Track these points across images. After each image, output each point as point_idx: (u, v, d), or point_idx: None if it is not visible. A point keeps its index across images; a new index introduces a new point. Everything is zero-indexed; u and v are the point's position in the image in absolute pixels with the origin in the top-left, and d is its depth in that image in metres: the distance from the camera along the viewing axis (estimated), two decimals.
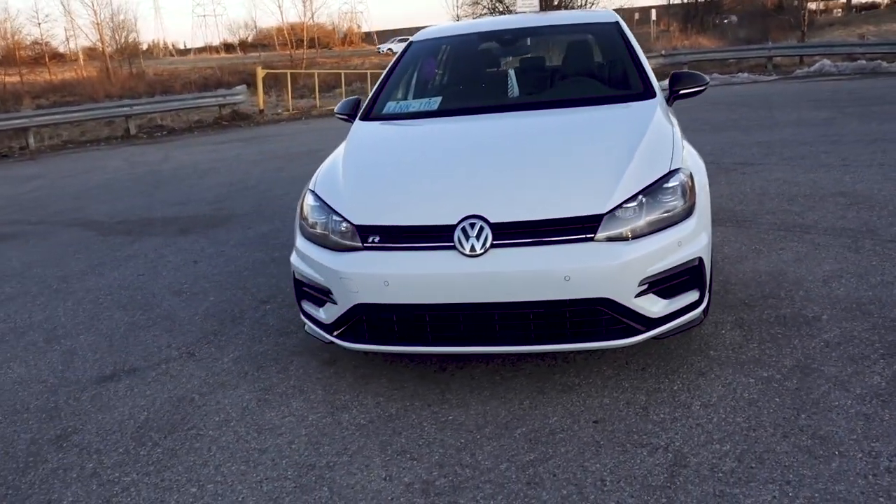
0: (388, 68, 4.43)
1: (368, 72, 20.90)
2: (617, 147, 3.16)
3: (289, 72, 19.72)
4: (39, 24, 59.45)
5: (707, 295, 3.08)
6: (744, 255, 4.45)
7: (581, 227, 2.81)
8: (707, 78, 4.06)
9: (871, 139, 7.99)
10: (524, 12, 17.09)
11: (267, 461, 2.71)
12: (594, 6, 30.13)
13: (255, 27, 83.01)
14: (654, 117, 3.47)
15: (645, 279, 2.82)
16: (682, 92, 3.92)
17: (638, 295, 2.83)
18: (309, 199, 3.32)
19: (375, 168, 3.39)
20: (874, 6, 58.83)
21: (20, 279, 5.44)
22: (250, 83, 22.65)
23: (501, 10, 29.69)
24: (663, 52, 19.58)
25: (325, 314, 3.13)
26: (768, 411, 2.74)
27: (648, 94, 3.76)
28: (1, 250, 6.44)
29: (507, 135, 3.54)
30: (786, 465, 2.42)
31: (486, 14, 30.48)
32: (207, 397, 3.25)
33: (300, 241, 3.28)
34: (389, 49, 53.33)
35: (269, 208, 7.21)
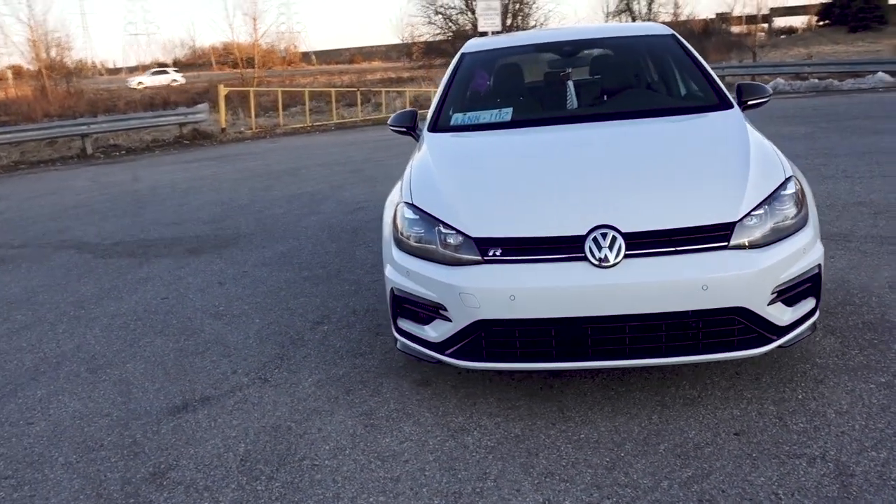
0: (445, 79, 4.32)
1: (333, 90, 20.66)
2: (731, 155, 3.13)
3: (251, 90, 19.33)
4: None
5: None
6: None
7: (715, 236, 2.76)
8: (770, 89, 4.09)
9: (861, 152, 8.27)
10: (486, 32, 17.23)
11: (406, 490, 2.54)
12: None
13: (194, 46, 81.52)
14: (748, 127, 3.46)
15: (777, 287, 2.78)
16: (749, 102, 3.94)
17: (770, 303, 2.78)
18: (407, 212, 3.16)
19: (483, 179, 3.26)
20: (792, 30, 61.91)
21: (29, 306, 5.08)
22: (199, 101, 22.16)
23: (455, 29, 29.94)
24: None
25: (435, 332, 2.98)
26: None
27: (726, 104, 3.76)
28: None
29: (605, 144, 3.47)
30: None
31: (439, 34, 30.70)
32: (305, 425, 3.05)
33: (398, 255, 3.12)
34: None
35: (275, 227, 6.97)
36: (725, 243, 2.75)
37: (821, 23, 54.53)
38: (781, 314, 2.82)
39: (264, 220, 7.34)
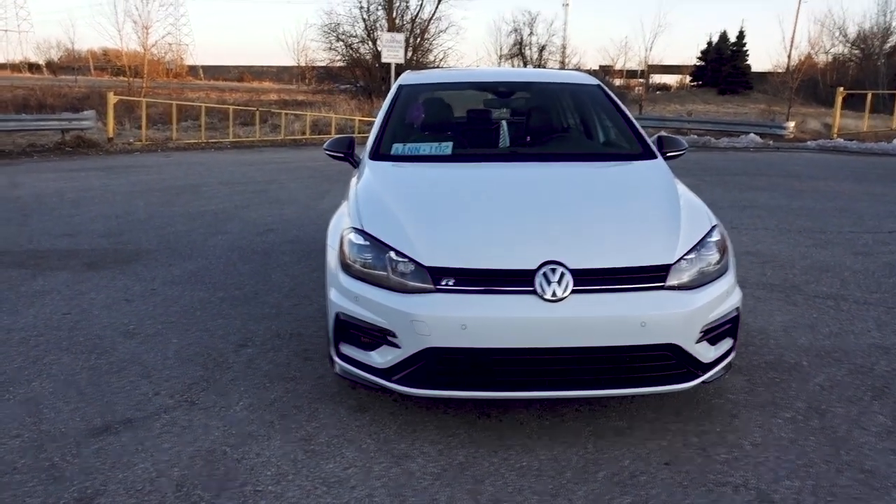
0: (384, 109, 4.38)
1: (230, 107, 20.10)
2: (663, 202, 3.38)
3: (143, 100, 18.52)
4: None
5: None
6: None
7: (653, 276, 2.96)
8: (685, 143, 4.43)
9: (742, 206, 8.99)
10: (389, 64, 17.43)
11: None
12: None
13: (72, 48, 77.16)
14: (672, 176, 3.74)
15: (704, 326, 3.01)
16: (668, 154, 4.25)
17: (698, 341, 3.00)
18: (356, 238, 3.18)
19: (433, 209, 3.33)
20: (667, 88, 66.39)
21: None
22: (78, 107, 20.97)
23: (356, 57, 30.03)
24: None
25: (381, 358, 3.00)
26: (811, 448, 3.00)
27: (650, 154, 4.04)
28: None
29: (545, 183, 3.64)
30: (855, 497, 2.66)
31: (339, 60, 30.67)
32: (241, 450, 2.97)
33: (346, 281, 3.12)
34: None
35: (180, 245, 6.71)
36: (662, 283, 2.95)
37: (693, 83, 58.73)
38: (707, 352, 3.05)
39: (168, 237, 7.05)
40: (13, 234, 7.18)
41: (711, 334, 3.07)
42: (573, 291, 2.87)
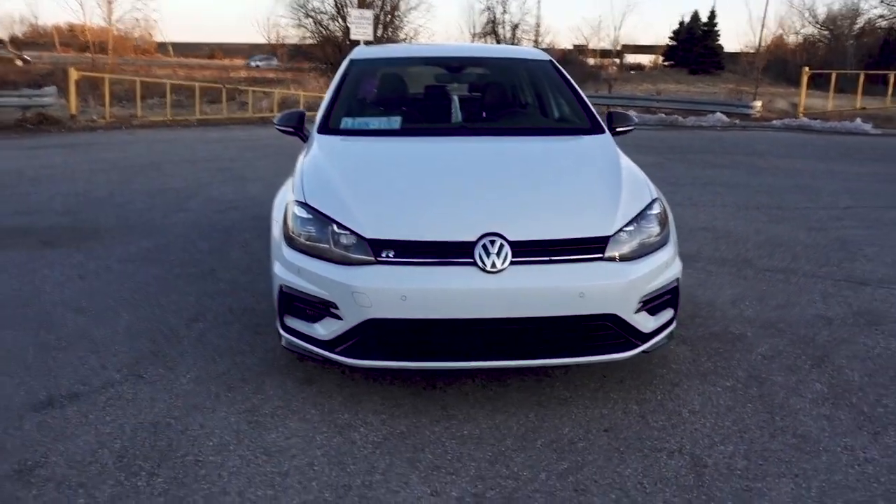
0: (335, 84, 4.36)
1: (197, 84, 19.80)
2: (605, 176, 3.41)
3: (107, 76, 18.16)
4: None
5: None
6: None
7: (591, 248, 3.00)
8: (636, 118, 4.47)
9: (703, 183, 9.10)
10: (358, 41, 17.27)
11: (294, 484, 2.56)
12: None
13: (36, 23, 75.42)
14: (617, 150, 3.78)
15: (643, 297, 3.06)
16: (618, 129, 4.29)
17: (637, 311, 3.06)
18: (299, 211, 3.18)
19: (376, 182, 3.34)
20: (641, 67, 66.68)
21: None
22: (42, 83, 20.55)
23: (326, 34, 29.67)
24: None
25: (325, 330, 3.01)
26: (747, 415, 3.08)
27: (598, 129, 4.07)
28: None
29: (489, 157, 3.66)
30: (786, 461, 2.74)
31: (309, 37, 30.30)
32: (185, 421, 2.98)
33: (289, 254, 3.13)
34: (257, 65, 51.53)
35: (139, 223, 6.64)
36: (601, 255, 3.00)
37: (665, 63, 59.00)
38: (646, 322, 3.11)
39: (126, 215, 6.97)
40: None
41: (650, 304, 3.13)
42: (512, 263, 2.90)
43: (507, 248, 2.90)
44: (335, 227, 3.04)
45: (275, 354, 3.60)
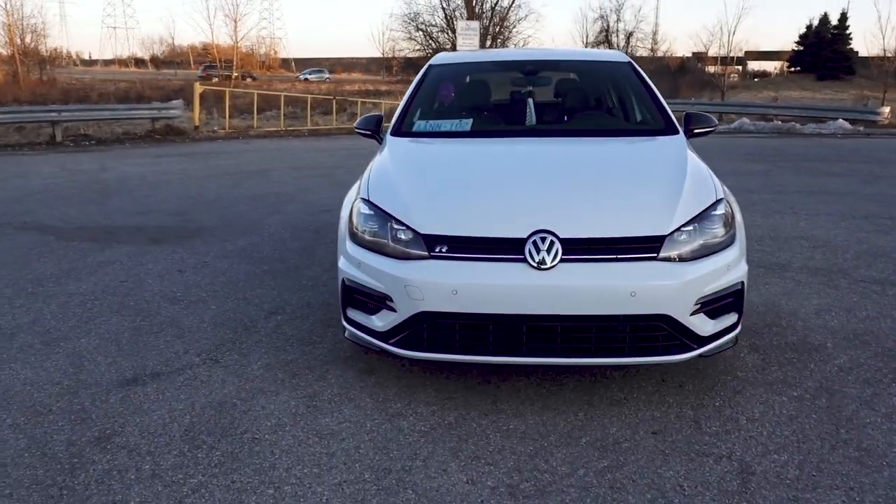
0: (411, 88, 4.51)
1: (309, 97, 20.75)
2: (668, 176, 3.36)
3: (227, 90, 19.36)
4: None
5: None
6: None
7: (645, 247, 2.97)
8: (715, 120, 4.35)
9: (810, 191, 8.65)
10: (466, 49, 17.53)
11: (339, 464, 2.68)
12: None
13: (173, 43, 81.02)
14: (687, 151, 3.70)
15: (700, 299, 2.99)
16: (696, 131, 4.20)
17: (693, 313, 2.99)
18: (363, 208, 3.33)
19: (435, 181, 3.45)
20: (765, 74, 63.75)
21: None
22: (174, 98, 22.11)
23: (435, 47, 30.26)
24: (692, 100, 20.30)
25: (381, 322, 3.13)
26: (810, 426, 2.94)
27: (672, 129, 4.00)
28: None
29: (555, 158, 3.69)
30: (843, 473, 2.61)
31: (419, 50, 31.00)
32: (250, 403, 3.18)
33: (352, 248, 3.28)
34: (306, 78, 54.56)
35: (238, 223, 7.06)
36: (655, 255, 2.96)
37: (791, 69, 56.15)
38: (703, 325, 3.04)
39: (229, 217, 7.43)
40: (93, 212, 7.73)
41: (710, 307, 3.06)
42: (563, 260, 2.91)
43: (557, 245, 2.92)
44: (394, 223, 3.16)
45: (341, 346, 3.77)
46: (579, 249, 2.94)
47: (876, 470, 2.63)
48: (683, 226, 3.05)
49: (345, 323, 3.36)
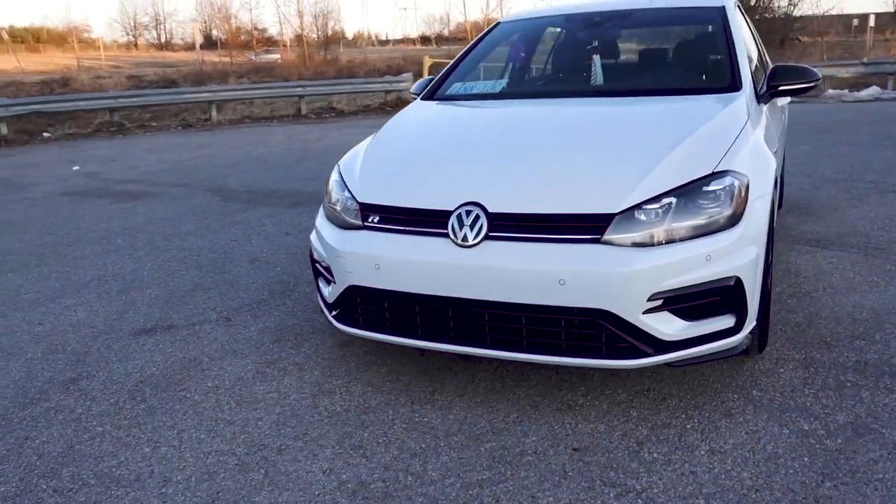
0: (467, 49, 4.21)
1: None
2: (660, 140, 2.74)
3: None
4: (251, 10, 65.95)
5: (752, 324, 2.60)
6: (853, 287, 3.76)
7: (587, 227, 2.46)
8: (818, 73, 3.45)
9: None
10: None
11: (227, 434, 2.64)
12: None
13: (448, 22, 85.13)
14: (726, 110, 2.99)
15: (658, 294, 2.41)
16: (781, 88, 3.37)
17: (648, 311, 2.42)
18: (333, 175, 3.21)
19: (394, 149, 3.23)
20: None
21: (134, 233, 5.84)
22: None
23: None
24: (865, 60, 17.20)
25: (328, 293, 3.01)
26: (787, 471, 2.24)
27: (734, 87, 3.25)
28: (135, 207, 6.98)
29: (550, 122, 3.24)
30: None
31: None
32: (215, 363, 3.25)
33: (319, 218, 3.18)
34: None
35: None
36: (598, 236, 2.44)
37: None
38: (664, 326, 2.45)
39: None
40: (276, 177, 8.46)
41: (679, 305, 2.46)
42: (489, 237, 2.53)
43: (483, 220, 2.55)
44: (347, 192, 3.00)
45: None
46: (510, 226, 2.53)
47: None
48: (647, 202, 2.47)
49: (318, 292, 3.28)
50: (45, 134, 14.62)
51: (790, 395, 2.70)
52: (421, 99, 3.90)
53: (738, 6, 4.21)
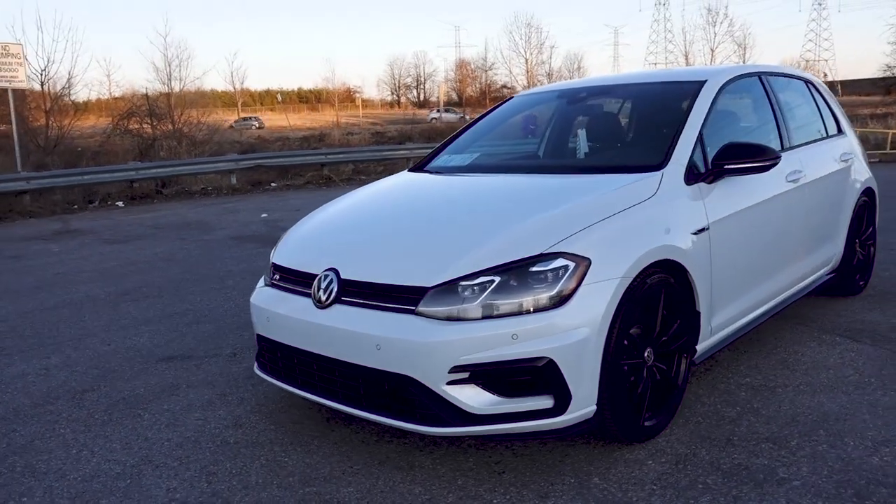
0: (470, 122, 4.50)
1: None
2: (513, 218, 2.92)
3: None
4: (486, 70, 71.30)
5: (587, 407, 2.61)
6: (835, 385, 3.37)
7: (406, 298, 2.69)
8: (775, 151, 3.24)
9: None
10: None
11: (135, 447, 3.15)
12: None
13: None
14: (618, 190, 3.02)
15: (459, 366, 2.54)
16: (727, 167, 3.23)
17: (452, 382, 2.56)
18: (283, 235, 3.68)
19: (322, 215, 3.65)
20: None
21: (250, 277, 6.72)
22: None
23: None
24: None
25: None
26: None
27: (659, 165, 3.20)
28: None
29: (455, 196, 3.52)
30: None
31: None
32: (192, 389, 3.80)
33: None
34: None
35: None
36: (413, 308, 2.64)
37: None
38: (469, 398, 2.56)
39: None
40: None
41: (490, 380, 2.56)
42: (339, 301, 2.84)
43: (334, 285, 2.86)
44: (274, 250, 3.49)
45: None
46: (355, 292, 2.83)
47: None
48: (464, 279, 2.61)
49: None
50: (273, 184, 16.85)
51: (627, 489, 2.59)
52: (408, 171, 4.24)
53: (763, 79, 4.03)
